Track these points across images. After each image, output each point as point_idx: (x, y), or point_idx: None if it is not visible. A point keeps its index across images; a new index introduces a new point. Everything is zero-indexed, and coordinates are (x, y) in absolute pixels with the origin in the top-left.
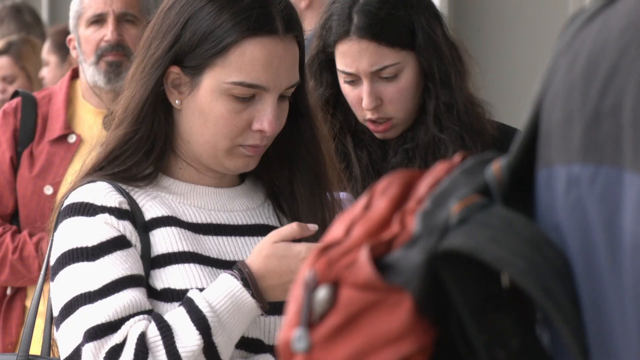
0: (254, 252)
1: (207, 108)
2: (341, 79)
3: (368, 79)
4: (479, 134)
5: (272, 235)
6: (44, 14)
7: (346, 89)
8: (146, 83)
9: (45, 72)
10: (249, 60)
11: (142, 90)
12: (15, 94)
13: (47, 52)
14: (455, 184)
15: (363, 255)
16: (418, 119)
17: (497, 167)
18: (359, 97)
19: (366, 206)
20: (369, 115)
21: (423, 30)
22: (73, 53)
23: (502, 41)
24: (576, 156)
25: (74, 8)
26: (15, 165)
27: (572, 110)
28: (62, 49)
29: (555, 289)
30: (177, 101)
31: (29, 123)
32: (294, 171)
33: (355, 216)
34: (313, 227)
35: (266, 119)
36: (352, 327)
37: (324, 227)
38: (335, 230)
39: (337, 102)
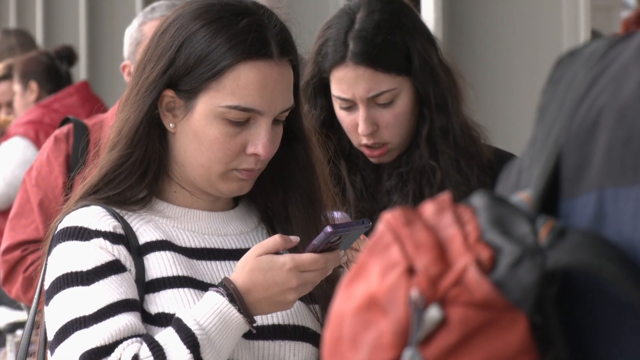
0: (238, 267)
1: (201, 132)
2: (336, 104)
3: (364, 105)
4: (475, 158)
5: (256, 249)
6: (39, 37)
7: (341, 114)
8: (140, 106)
9: (14, 102)
10: (243, 84)
11: (136, 113)
12: (66, 121)
13: (15, 81)
14: (500, 212)
15: (473, 273)
16: (413, 143)
17: (526, 197)
18: (354, 123)
19: (396, 237)
20: (364, 140)
21: (419, 55)
22: (128, 80)
23: (497, 64)
24: None
25: (132, 35)
26: (67, 191)
27: (632, 134)
28: (25, 77)
29: None
30: (171, 125)
31: (81, 149)
32: (288, 194)
33: (396, 244)
34: (295, 238)
35: (261, 142)
36: (468, 346)
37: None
38: (389, 255)
39: (331, 126)
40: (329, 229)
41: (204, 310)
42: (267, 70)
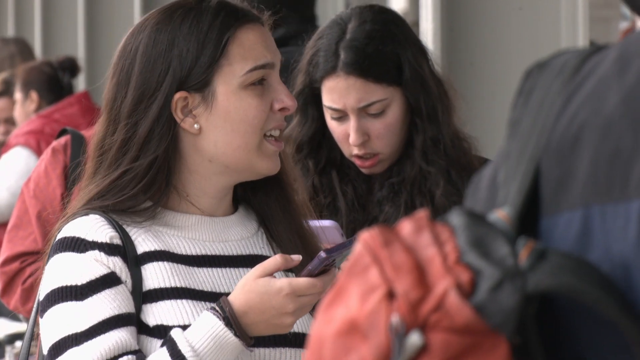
0: (238, 287)
1: (233, 109)
2: (328, 114)
3: (355, 115)
4: (466, 169)
5: (256, 270)
6: (37, 48)
7: (333, 124)
8: (144, 120)
9: (15, 111)
10: (249, 46)
11: (143, 126)
12: (64, 132)
13: (17, 90)
14: (479, 232)
15: (454, 298)
16: (404, 153)
17: (505, 216)
18: (345, 133)
19: (375, 259)
20: (355, 150)
21: (410, 65)
22: None
23: (495, 76)
24: (638, 191)
25: None
26: (66, 203)
27: (618, 149)
28: (26, 87)
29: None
30: (195, 126)
31: (78, 160)
32: (267, 191)
33: (375, 266)
34: (297, 257)
35: (283, 94)
36: None
37: (311, 252)
38: (369, 277)
39: (322, 137)
40: (323, 254)
41: (199, 334)
42: (258, 29)
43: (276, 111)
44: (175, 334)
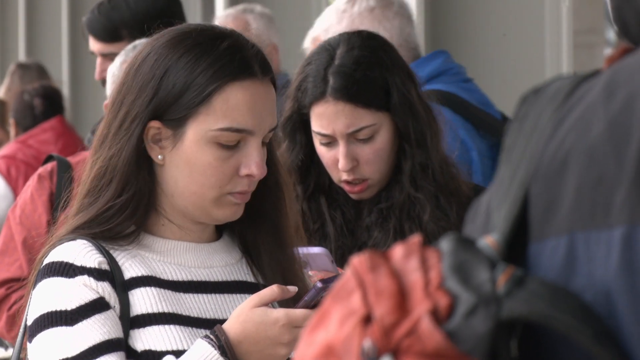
0: (233, 316)
1: (193, 158)
2: (317, 140)
3: (344, 141)
4: (454, 194)
5: (252, 299)
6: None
7: (322, 150)
8: (127, 141)
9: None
10: (233, 105)
11: (126, 148)
12: (50, 158)
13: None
14: (463, 258)
15: (426, 323)
16: (393, 179)
17: (493, 242)
18: (334, 159)
19: (359, 284)
20: (344, 176)
21: (398, 90)
22: None
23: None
24: (620, 219)
25: (114, 73)
26: (51, 230)
27: (602, 175)
28: (12, 113)
29: (617, 354)
30: (159, 156)
31: (64, 187)
32: (257, 222)
33: (358, 291)
34: (293, 289)
35: (254, 162)
36: None
37: (291, 280)
38: (351, 302)
39: (311, 162)
40: (319, 284)
41: None
42: (254, 89)
43: (243, 176)
44: None
